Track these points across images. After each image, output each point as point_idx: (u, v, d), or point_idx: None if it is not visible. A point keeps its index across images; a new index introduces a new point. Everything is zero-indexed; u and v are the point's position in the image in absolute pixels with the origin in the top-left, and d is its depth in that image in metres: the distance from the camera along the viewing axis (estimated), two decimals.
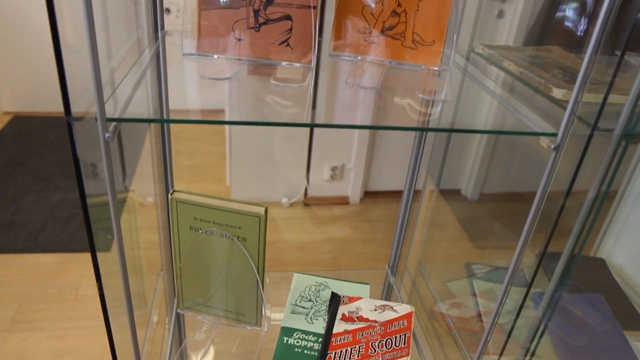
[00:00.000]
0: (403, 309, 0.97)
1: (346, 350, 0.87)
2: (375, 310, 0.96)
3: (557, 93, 0.71)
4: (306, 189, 2.48)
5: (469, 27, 1.00)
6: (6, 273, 1.92)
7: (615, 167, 0.68)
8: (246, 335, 0.93)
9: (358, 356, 0.86)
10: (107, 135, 0.49)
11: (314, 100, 0.69)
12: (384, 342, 0.89)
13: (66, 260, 2.01)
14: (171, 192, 0.79)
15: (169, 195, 0.79)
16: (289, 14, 0.71)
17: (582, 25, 1.02)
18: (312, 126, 1.12)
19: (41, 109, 3.21)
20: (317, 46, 0.73)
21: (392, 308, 0.97)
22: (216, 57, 0.74)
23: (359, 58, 0.78)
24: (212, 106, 0.69)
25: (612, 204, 1.29)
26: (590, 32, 0.54)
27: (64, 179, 2.53)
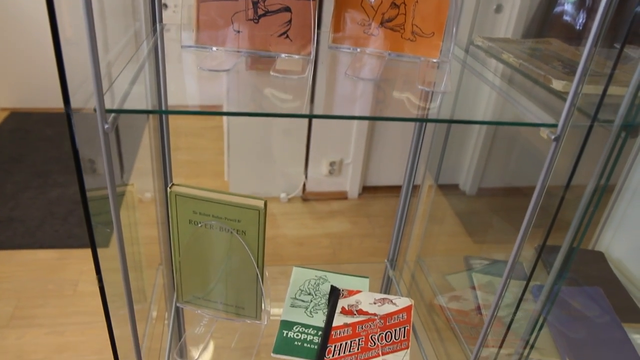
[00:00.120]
0: (402, 302, 0.97)
1: (346, 343, 0.87)
2: (375, 303, 0.96)
3: (557, 84, 0.71)
4: (304, 184, 2.48)
5: (468, 20, 1.00)
6: (4, 269, 1.92)
7: (615, 158, 0.68)
8: (245, 330, 0.93)
9: (358, 349, 0.87)
10: (106, 127, 0.49)
11: (314, 92, 0.69)
12: (383, 335, 0.89)
13: (64, 256, 2.01)
14: (170, 185, 0.79)
15: (168, 188, 0.79)
16: (288, 5, 0.71)
17: (581, 18, 1.02)
18: (310, 117, 1.12)
19: (39, 105, 3.20)
20: (316, 38, 0.73)
21: (391, 301, 0.97)
22: (215, 49, 0.74)
23: (358, 50, 0.78)
24: (211, 102, 0.69)
25: (610, 197, 1.30)
26: (590, 25, 0.54)
27: (62, 175, 2.52)
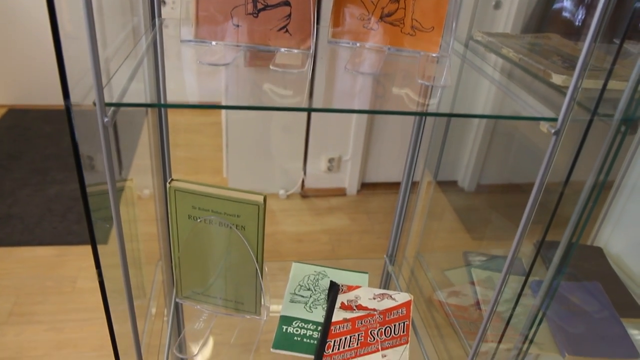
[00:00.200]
0: (402, 297, 0.97)
1: (345, 339, 0.87)
2: (374, 298, 0.96)
3: (556, 79, 0.71)
4: (303, 181, 2.48)
5: (467, 16, 1.00)
6: (3, 266, 1.92)
7: (615, 152, 0.68)
8: (244, 326, 0.93)
9: (357, 344, 0.87)
10: (105, 120, 0.48)
11: (314, 86, 0.69)
12: (383, 330, 0.90)
13: (63, 253, 2.00)
14: (169, 180, 0.79)
15: (167, 184, 0.79)
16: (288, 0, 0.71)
17: (580, 14, 1.02)
18: (310, 110, 1.12)
19: (37, 101, 3.19)
20: (315, 33, 0.73)
21: (390, 296, 0.97)
22: (214, 43, 0.74)
23: (357, 45, 0.78)
24: (210, 96, 0.69)
25: (609, 193, 1.30)
26: (589, 20, 0.54)
27: (60, 172, 2.52)
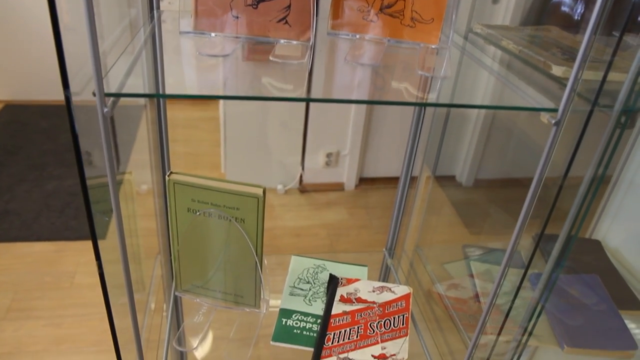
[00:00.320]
0: (401, 290, 0.97)
1: (345, 331, 0.88)
2: (374, 291, 0.97)
3: (556, 70, 0.71)
4: (301, 176, 2.47)
5: (467, 8, 1.00)
6: (1, 262, 1.91)
7: (615, 144, 0.68)
8: (244, 320, 0.93)
9: (357, 337, 0.87)
10: (105, 110, 0.48)
11: (314, 77, 0.69)
12: (382, 323, 0.90)
13: (61, 249, 2.00)
14: (169, 173, 0.79)
15: (166, 177, 0.79)
16: None
17: (579, 6, 1.02)
18: (309, 101, 1.12)
19: (34, 97, 3.18)
20: (315, 24, 0.72)
21: (390, 289, 0.97)
22: (214, 35, 0.73)
23: (357, 37, 0.78)
24: (209, 87, 0.69)
25: (607, 188, 1.30)
26: (586, 13, 0.54)
27: (57, 168, 2.51)
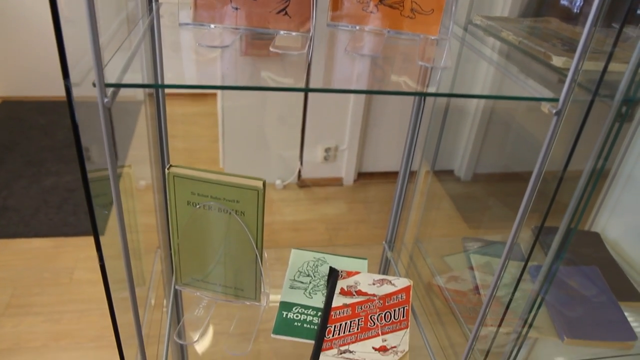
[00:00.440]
0: (401, 282, 0.97)
1: (345, 324, 0.88)
2: (374, 284, 0.97)
3: (557, 61, 0.70)
4: (300, 171, 2.47)
5: (466, 0, 0.99)
6: (0, 258, 1.91)
7: (615, 135, 0.68)
8: (244, 315, 0.93)
9: (357, 329, 0.87)
10: (106, 101, 0.48)
11: (313, 68, 0.68)
12: (383, 315, 0.90)
13: (60, 245, 2.00)
14: (168, 167, 0.79)
15: (166, 170, 0.78)
16: None
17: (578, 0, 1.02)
18: (308, 91, 1.11)
19: (32, 93, 3.17)
20: (315, 15, 0.72)
21: (390, 282, 0.97)
22: (213, 26, 0.73)
23: (357, 28, 0.78)
24: (208, 79, 0.68)
25: (605, 181, 1.30)
26: (586, 5, 0.54)
27: (55, 164, 2.51)
